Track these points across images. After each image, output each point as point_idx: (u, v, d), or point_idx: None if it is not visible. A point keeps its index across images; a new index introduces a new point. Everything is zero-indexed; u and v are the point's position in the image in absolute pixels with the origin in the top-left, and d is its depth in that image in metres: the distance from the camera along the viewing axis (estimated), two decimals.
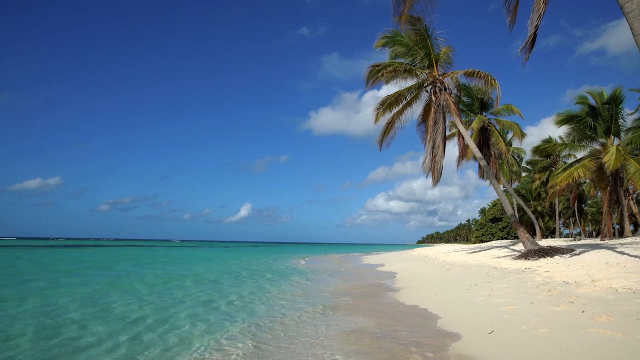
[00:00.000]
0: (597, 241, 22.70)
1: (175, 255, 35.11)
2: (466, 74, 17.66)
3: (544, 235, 43.41)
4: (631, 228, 38.79)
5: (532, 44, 9.01)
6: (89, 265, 20.48)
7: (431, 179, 18.54)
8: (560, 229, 49.27)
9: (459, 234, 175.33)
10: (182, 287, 11.33)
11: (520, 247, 20.35)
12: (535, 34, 8.85)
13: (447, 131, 19.57)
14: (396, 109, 19.40)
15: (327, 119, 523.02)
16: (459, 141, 23.71)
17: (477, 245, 42.08)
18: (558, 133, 29.74)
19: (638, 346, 3.73)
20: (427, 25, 16.95)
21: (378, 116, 19.33)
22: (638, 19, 6.77)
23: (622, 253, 12.18)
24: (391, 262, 23.31)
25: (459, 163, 27.72)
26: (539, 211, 47.12)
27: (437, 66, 18.09)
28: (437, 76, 18.03)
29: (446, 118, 18.23)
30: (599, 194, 30.57)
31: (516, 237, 46.12)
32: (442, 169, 18.16)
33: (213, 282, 13.03)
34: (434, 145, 17.96)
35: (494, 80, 16.80)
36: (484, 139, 24.97)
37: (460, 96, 20.37)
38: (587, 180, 32.83)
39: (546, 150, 26.52)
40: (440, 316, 6.36)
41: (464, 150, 24.41)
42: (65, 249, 47.38)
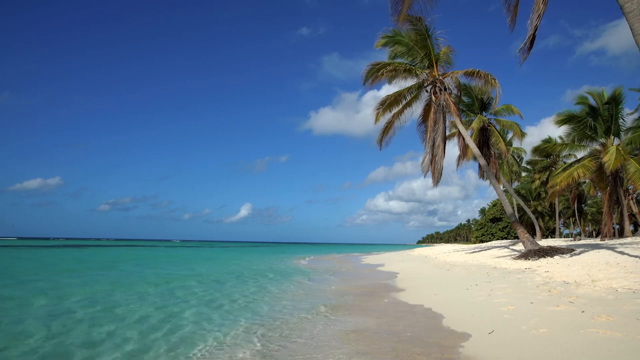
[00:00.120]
0: (597, 241, 22.71)
1: (177, 255, 35.13)
2: (466, 73, 17.66)
3: (544, 235, 43.41)
4: (631, 228, 38.78)
5: (531, 44, 9.03)
6: (91, 265, 20.50)
7: (431, 179, 18.61)
8: (560, 229, 49.28)
9: (459, 234, 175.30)
10: (186, 287, 11.34)
11: (520, 247, 20.36)
12: (534, 34, 8.86)
13: (447, 131, 19.59)
14: (396, 109, 19.42)
15: (327, 119, 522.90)
16: (459, 141, 23.76)
17: (477, 245, 42.09)
18: (558, 133, 29.77)
19: (638, 346, 3.74)
20: (428, 25, 16.97)
21: (378, 116, 19.35)
22: (638, 19, 6.78)
23: (622, 253, 12.19)
24: (391, 262, 23.32)
25: (458, 163, 27.81)
26: (539, 211, 47.12)
27: (437, 66, 18.10)
28: (437, 76, 18.03)
29: (446, 118, 18.25)
30: (599, 194, 30.57)
31: (516, 237, 46.11)
32: (442, 169, 18.20)
33: (216, 282, 13.03)
34: (433, 145, 17.97)
35: (494, 80, 16.80)
36: (484, 139, 24.99)
37: (460, 96, 20.37)
38: (587, 180, 32.85)
39: (546, 150, 26.57)
40: (445, 316, 6.36)
41: (464, 150, 24.45)
42: (66, 249, 47.42)
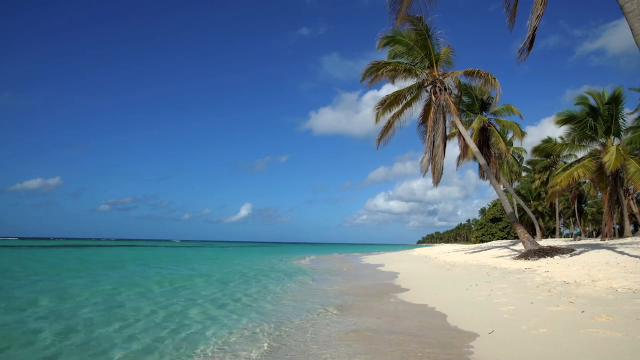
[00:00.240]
0: (597, 241, 22.71)
1: (178, 255, 35.15)
2: (466, 73, 17.66)
3: (544, 235, 43.41)
4: (631, 228, 38.77)
5: (531, 44, 9.03)
6: (94, 265, 20.52)
7: (431, 179, 18.62)
8: (560, 229, 49.27)
9: (459, 234, 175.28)
10: (189, 287, 11.36)
11: (520, 247, 20.36)
12: (533, 34, 8.86)
13: (447, 131, 19.59)
14: (396, 109, 19.41)
15: (327, 119, 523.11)
16: (459, 141, 23.77)
17: (477, 245, 42.09)
18: (558, 133, 29.81)
19: (638, 346, 3.74)
20: (428, 25, 16.96)
21: (378, 116, 19.35)
22: (638, 19, 6.79)
23: (622, 253, 12.19)
24: (391, 262, 23.33)
25: (458, 163, 27.81)
26: (539, 211, 47.11)
27: (437, 66, 18.09)
28: (437, 76, 18.03)
29: (446, 118, 18.26)
30: (599, 194, 30.58)
31: (516, 237, 46.12)
32: (442, 168, 18.19)
33: (219, 281, 13.07)
34: (433, 144, 17.97)
35: (494, 79, 16.79)
36: (484, 139, 25.00)
37: (460, 96, 20.37)
38: (587, 180, 32.84)
39: (546, 150, 26.56)
40: (448, 315, 6.35)
41: (464, 150, 24.46)
42: (67, 249, 47.40)
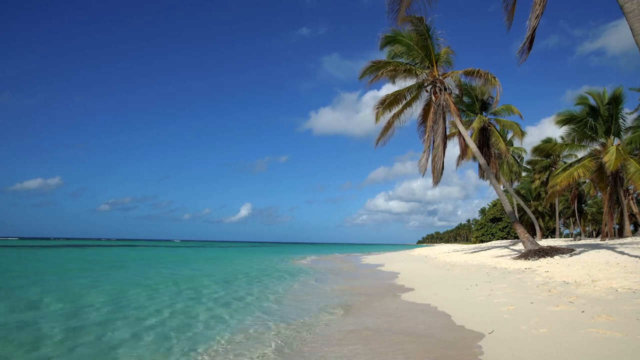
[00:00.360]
0: (597, 241, 22.71)
1: (179, 255, 35.16)
2: (466, 73, 17.65)
3: (544, 235, 43.39)
4: (631, 228, 38.74)
5: (530, 45, 9.03)
6: (97, 265, 20.54)
7: (431, 179, 18.62)
8: (560, 229, 49.27)
9: (459, 234, 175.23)
10: (193, 287, 11.37)
11: (520, 247, 20.36)
12: (533, 35, 8.86)
13: (447, 131, 19.60)
14: (396, 109, 19.41)
15: (327, 119, 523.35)
16: (459, 141, 23.74)
17: (477, 245, 42.09)
18: (558, 133, 29.74)
19: (638, 346, 3.74)
20: (428, 25, 16.96)
21: (378, 115, 19.34)
22: (638, 19, 6.79)
23: (622, 253, 12.19)
24: (391, 262, 23.33)
25: (458, 163, 27.81)
26: (539, 211, 47.10)
27: (437, 66, 18.09)
28: (437, 76, 18.03)
29: (446, 118, 18.26)
30: (599, 194, 30.56)
31: (516, 237, 46.10)
32: (442, 168, 18.18)
33: (222, 281, 13.07)
34: (433, 144, 17.97)
35: (494, 79, 16.79)
36: (484, 139, 25.00)
37: (460, 96, 20.38)
38: (587, 180, 32.83)
39: (546, 150, 26.57)
40: (452, 315, 6.34)
41: (464, 150, 24.44)
42: (68, 249, 47.39)
